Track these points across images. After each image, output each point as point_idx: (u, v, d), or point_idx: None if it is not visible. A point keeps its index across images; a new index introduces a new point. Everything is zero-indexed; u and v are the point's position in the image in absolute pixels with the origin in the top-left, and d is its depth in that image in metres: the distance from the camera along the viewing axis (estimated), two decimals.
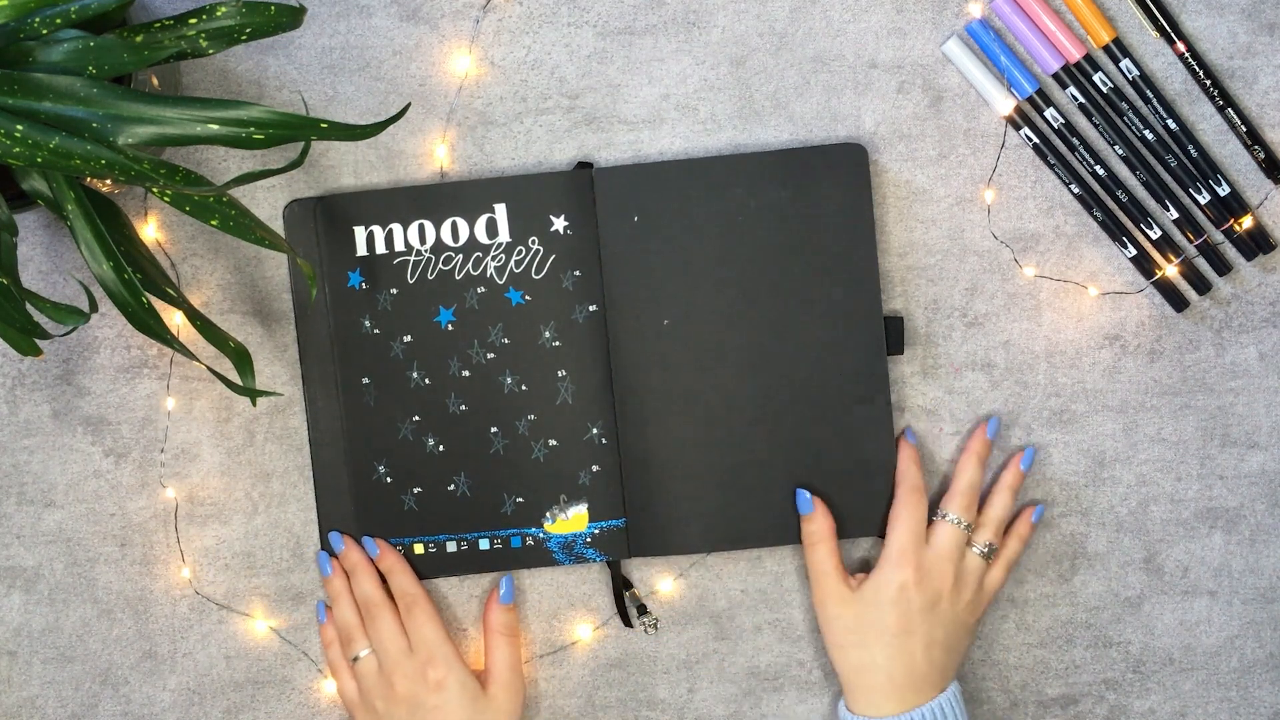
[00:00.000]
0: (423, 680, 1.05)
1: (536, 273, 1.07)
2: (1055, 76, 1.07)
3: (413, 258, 1.07)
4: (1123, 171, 1.08)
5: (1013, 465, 1.07)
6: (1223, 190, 1.07)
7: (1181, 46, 1.06)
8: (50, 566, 1.09)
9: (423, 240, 1.07)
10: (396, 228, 1.07)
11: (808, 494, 1.06)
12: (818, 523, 1.06)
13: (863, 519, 1.07)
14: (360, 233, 1.07)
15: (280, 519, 1.09)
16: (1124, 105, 1.07)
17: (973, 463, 1.06)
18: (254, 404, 1.02)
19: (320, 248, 1.07)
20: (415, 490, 1.09)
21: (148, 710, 1.10)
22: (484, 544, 1.09)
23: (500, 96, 1.07)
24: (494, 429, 1.08)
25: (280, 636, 1.10)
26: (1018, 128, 1.07)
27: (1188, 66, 1.07)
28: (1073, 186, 1.07)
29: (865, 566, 1.08)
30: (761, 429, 1.07)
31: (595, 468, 1.08)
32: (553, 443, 1.08)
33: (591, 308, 1.07)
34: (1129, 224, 1.08)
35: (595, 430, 1.08)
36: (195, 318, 0.97)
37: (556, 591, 1.10)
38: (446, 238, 1.07)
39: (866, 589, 1.04)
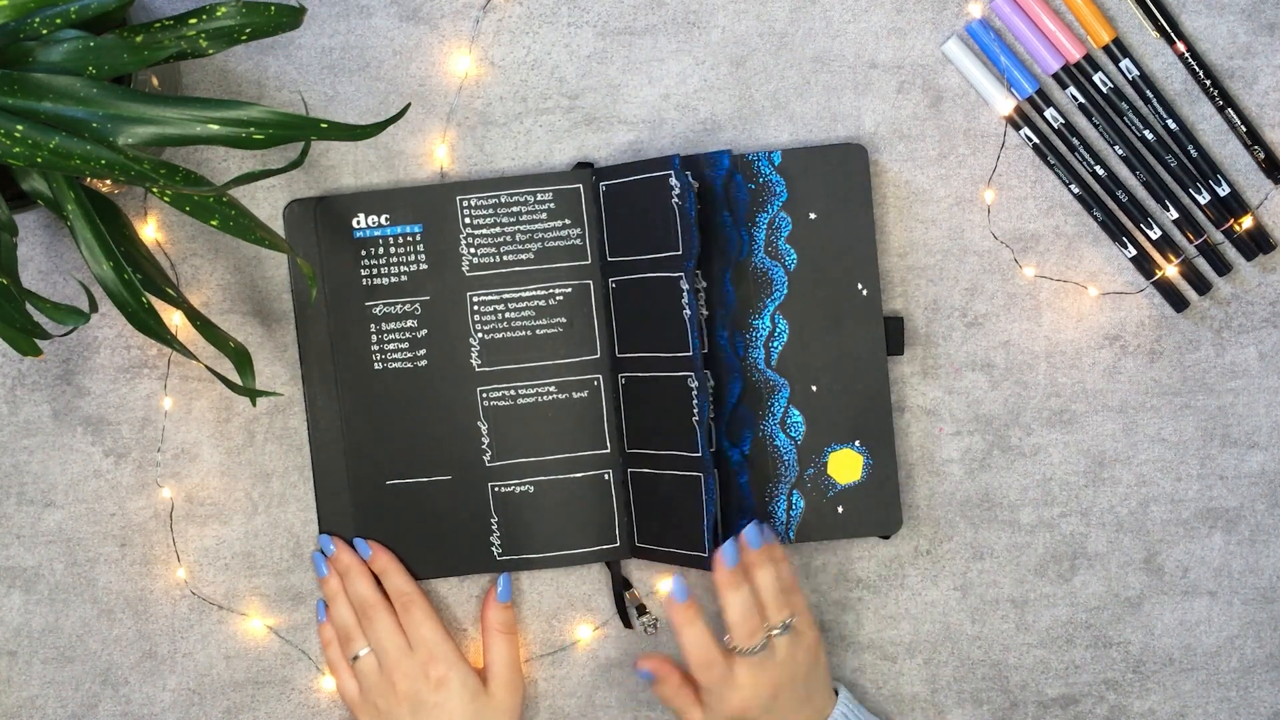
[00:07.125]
0: (424, 678, 1.05)
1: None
2: (1055, 76, 1.07)
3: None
4: (1123, 171, 1.08)
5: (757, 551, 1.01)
6: (1223, 190, 1.07)
7: (1181, 46, 1.06)
8: (50, 566, 1.09)
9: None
10: None
11: (644, 668, 1.03)
12: (660, 689, 1.03)
13: (873, 520, 1.07)
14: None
15: (280, 519, 1.09)
16: (1124, 105, 1.07)
17: (727, 593, 0.99)
18: (254, 404, 1.02)
19: (320, 248, 1.07)
20: None
21: (148, 710, 1.10)
22: None
23: (500, 96, 1.07)
24: None
25: (280, 636, 1.10)
26: (1018, 128, 1.07)
27: (1188, 66, 1.07)
28: (1073, 186, 1.07)
29: (883, 566, 1.08)
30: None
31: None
32: None
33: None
34: (1129, 224, 1.08)
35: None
36: (195, 318, 0.96)
37: (556, 591, 1.10)
38: None
39: None
